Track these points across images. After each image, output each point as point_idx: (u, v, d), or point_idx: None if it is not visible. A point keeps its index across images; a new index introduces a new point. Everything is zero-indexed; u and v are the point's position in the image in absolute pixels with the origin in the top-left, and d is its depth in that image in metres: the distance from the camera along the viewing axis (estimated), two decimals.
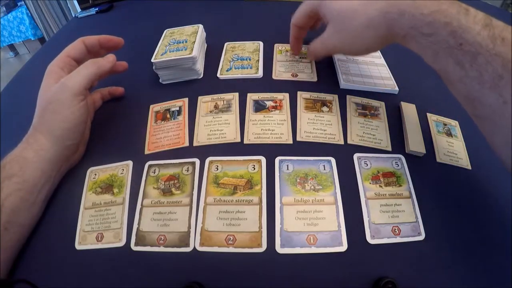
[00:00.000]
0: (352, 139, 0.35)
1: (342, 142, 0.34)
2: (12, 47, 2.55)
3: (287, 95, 0.39)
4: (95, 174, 0.34)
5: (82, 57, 0.35)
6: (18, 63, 2.50)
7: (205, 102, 0.39)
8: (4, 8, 2.26)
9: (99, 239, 0.29)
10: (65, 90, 0.31)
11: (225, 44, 0.48)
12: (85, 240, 0.29)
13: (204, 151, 0.34)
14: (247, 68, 0.43)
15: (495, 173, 0.33)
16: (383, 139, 0.35)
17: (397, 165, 0.33)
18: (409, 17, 0.26)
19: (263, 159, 0.33)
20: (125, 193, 0.32)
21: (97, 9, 0.64)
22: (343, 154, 0.33)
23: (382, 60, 0.45)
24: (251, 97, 0.39)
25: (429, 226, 0.29)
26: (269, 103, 0.38)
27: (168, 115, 0.38)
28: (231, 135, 0.35)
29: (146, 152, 0.35)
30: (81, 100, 0.32)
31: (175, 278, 0.26)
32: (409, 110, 0.37)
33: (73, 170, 0.34)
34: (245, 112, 0.37)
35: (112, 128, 0.38)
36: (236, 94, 0.39)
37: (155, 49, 0.41)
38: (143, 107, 0.39)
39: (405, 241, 0.28)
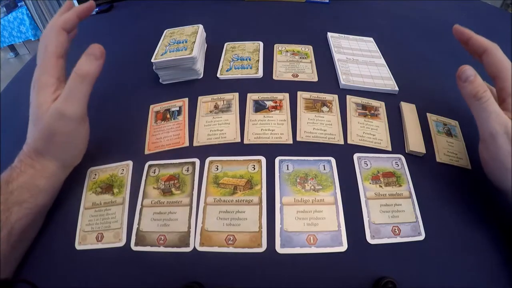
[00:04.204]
0: (352, 139, 0.35)
1: (342, 142, 0.34)
2: (12, 47, 2.55)
3: (287, 95, 0.39)
4: (95, 174, 0.34)
5: (67, 48, 0.30)
6: (19, 63, 2.50)
7: (205, 102, 0.39)
8: (4, 9, 2.26)
9: (99, 239, 0.29)
10: (68, 120, 0.27)
11: (225, 44, 0.48)
12: (85, 240, 0.29)
13: (204, 151, 0.34)
14: (247, 68, 0.43)
15: None
16: (383, 139, 0.35)
17: (397, 165, 0.33)
18: None
19: (263, 159, 0.33)
20: (125, 193, 0.32)
21: (97, 9, 0.64)
22: (343, 154, 0.33)
23: (382, 60, 0.45)
24: (251, 97, 0.39)
25: (429, 226, 0.29)
26: (269, 103, 0.38)
27: (168, 115, 0.38)
28: (231, 135, 0.35)
29: (146, 152, 0.35)
30: (86, 121, 0.30)
31: (175, 278, 0.26)
32: (409, 110, 0.37)
33: (73, 170, 0.34)
34: (245, 112, 0.37)
35: (112, 128, 0.38)
36: (236, 94, 0.39)
37: (155, 49, 0.41)
38: (143, 107, 0.39)
39: (405, 241, 0.28)
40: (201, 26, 0.44)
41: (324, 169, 0.32)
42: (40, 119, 0.27)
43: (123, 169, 0.33)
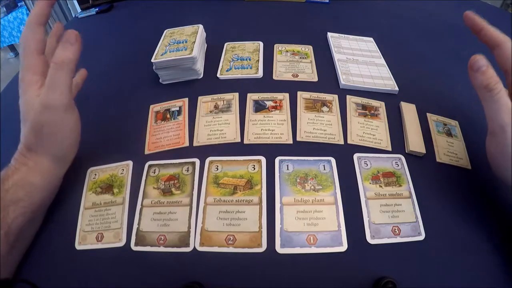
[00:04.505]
0: (352, 139, 0.35)
1: (342, 142, 0.34)
2: (12, 47, 2.55)
3: (287, 95, 0.39)
4: (95, 174, 0.34)
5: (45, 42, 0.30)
6: (19, 63, 2.49)
7: (205, 102, 0.39)
8: (4, 9, 2.26)
9: (99, 239, 0.29)
10: (53, 112, 0.27)
11: (225, 44, 0.48)
12: (85, 240, 0.29)
13: (204, 151, 0.34)
14: (247, 68, 0.43)
15: None
16: (383, 139, 0.35)
17: (397, 165, 0.33)
18: None
19: (263, 159, 0.33)
20: (125, 193, 0.32)
21: (97, 9, 0.64)
22: (343, 154, 0.33)
23: (382, 60, 0.45)
24: (251, 97, 0.39)
25: (429, 226, 0.29)
26: (269, 103, 0.38)
27: (168, 115, 0.38)
28: (231, 135, 0.35)
29: (146, 152, 0.35)
30: (73, 110, 0.30)
31: (175, 278, 0.26)
32: (409, 110, 0.37)
33: (73, 170, 0.34)
34: (245, 112, 0.37)
35: (112, 128, 0.38)
36: (236, 94, 0.39)
37: (155, 49, 0.41)
38: (143, 107, 0.39)
39: (405, 241, 0.28)
40: (201, 26, 0.44)
41: (324, 169, 0.32)
42: (28, 115, 0.28)
43: (123, 169, 0.33)
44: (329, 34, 0.50)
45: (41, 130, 0.28)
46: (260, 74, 0.42)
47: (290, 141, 0.34)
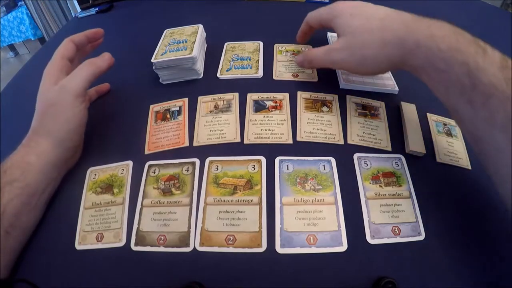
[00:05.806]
0: (352, 139, 0.35)
1: (342, 142, 0.34)
2: (12, 47, 2.55)
3: (287, 95, 0.39)
4: (95, 174, 0.34)
5: (73, 56, 0.36)
6: (18, 63, 2.50)
7: (205, 102, 0.39)
8: (4, 8, 2.26)
9: (99, 239, 0.29)
10: (66, 93, 0.31)
11: (225, 44, 0.48)
12: (85, 240, 0.29)
13: (204, 151, 0.34)
14: (247, 68, 0.43)
15: None
16: (383, 139, 0.35)
17: (397, 165, 0.33)
18: (425, 50, 0.25)
19: (263, 159, 0.33)
20: (125, 193, 0.32)
21: (97, 9, 0.64)
22: (343, 154, 0.33)
23: None
24: (251, 97, 0.39)
25: (429, 226, 0.29)
26: (269, 103, 0.38)
27: (168, 115, 0.38)
28: (231, 135, 0.35)
29: (146, 152, 0.35)
30: (82, 101, 0.32)
31: (175, 278, 0.26)
32: (409, 110, 0.37)
33: (73, 170, 0.34)
34: (245, 112, 0.37)
35: (112, 128, 0.38)
36: (236, 94, 0.39)
37: (155, 49, 0.41)
38: (143, 107, 0.39)
39: (405, 241, 0.28)
40: (201, 26, 0.44)
41: (324, 169, 0.32)
42: (42, 99, 0.31)
43: (123, 169, 0.33)
44: (329, 34, 0.50)
45: (47, 109, 0.31)
46: (260, 74, 0.42)
47: (290, 141, 0.34)
